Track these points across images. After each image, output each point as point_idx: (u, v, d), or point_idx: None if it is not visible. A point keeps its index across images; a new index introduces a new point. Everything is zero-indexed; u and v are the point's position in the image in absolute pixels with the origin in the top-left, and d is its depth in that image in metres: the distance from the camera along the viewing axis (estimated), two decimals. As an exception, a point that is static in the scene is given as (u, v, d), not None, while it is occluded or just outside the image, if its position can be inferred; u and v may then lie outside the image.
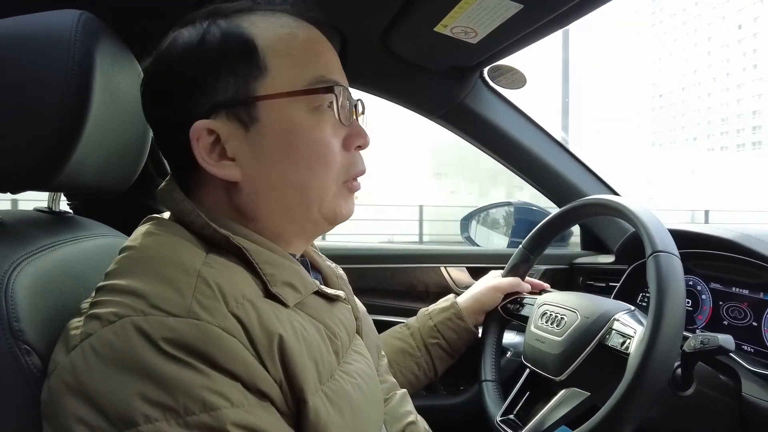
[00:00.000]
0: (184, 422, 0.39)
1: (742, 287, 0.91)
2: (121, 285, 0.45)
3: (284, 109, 0.52)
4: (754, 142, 50.43)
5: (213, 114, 0.51)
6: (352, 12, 0.87)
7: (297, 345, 0.47)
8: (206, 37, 0.51)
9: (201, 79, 0.51)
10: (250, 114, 0.51)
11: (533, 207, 1.69)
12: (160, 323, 0.41)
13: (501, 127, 1.20)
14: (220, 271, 0.47)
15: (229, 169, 0.52)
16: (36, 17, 0.54)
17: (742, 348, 0.87)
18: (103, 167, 0.63)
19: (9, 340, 0.45)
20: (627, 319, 0.76)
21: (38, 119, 0.52)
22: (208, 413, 0.39)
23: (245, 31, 0.52)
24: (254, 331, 0.44)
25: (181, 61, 0.52)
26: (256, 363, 0.43)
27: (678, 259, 0.70)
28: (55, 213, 0.70)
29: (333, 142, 0.55)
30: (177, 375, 0.39)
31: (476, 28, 0.82)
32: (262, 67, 0.51)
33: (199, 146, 0.51)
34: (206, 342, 0.41)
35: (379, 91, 1.16)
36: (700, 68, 54.21)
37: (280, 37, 0.53)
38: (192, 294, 0.43)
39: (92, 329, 0.42)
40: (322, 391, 0.48)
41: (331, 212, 0.57)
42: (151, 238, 0.50)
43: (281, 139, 0.52)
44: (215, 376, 0.41)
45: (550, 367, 0.81)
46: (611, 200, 0.84)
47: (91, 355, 0.41)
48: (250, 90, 0.51)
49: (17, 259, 0.50)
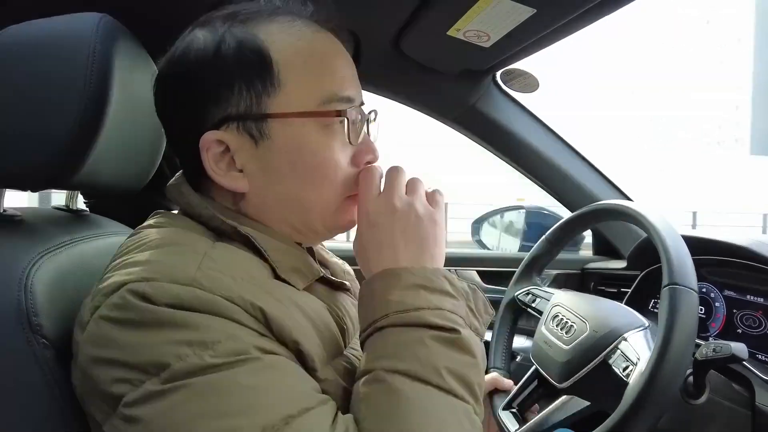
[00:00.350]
0: (213, 351, 0.40)
1: (756, 295, 0.90)
2: (127, 260, 0.46)
3: (295, 127, 0.52)
4: (735, 139, 49.30)
5: (224, 125, 0.51)
6: (366, 15, 0.88)
7: (300, 321, 0.47)
8: (221, 47, 0.50)
9: (215, 91, 0.51)
10: (261, 129, 0.51)
11: (545, 211, 1.69)
12: (162, 288, 0.42)
13: (513, 131, 1.20)
14: (227, 254, 0.48)
15: (237, 181, 0.52)
16: (57, 20, 0.56)
17: (757, 357, 0.86)
18: (119, 167, 0.64)
19: (28, 334, 0.46)
20: (635, 340, 0.74)
21: (58, 120, 0.53)
22: (232, 340, 0.41)
23: (262, 44, 0.51)
24: (258, 302, 0.44)
25: (196, 69, 0.51)
26: (261, 327, 0.44)
27: (694, 294, 0.68)
28: (72, 211, 0.71)
29: (341, 160, 0.54)
30: (191, 318, 0.41)
31: (489, 31, 0.82)
32: (276, 83, 0.51)
33: (208, 156, 0.51)
34: (208, 308, 0.42)
35: (392, 93, 1.17)
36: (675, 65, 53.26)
37: (296, 50, 0.52)
38: (197, 266, 0.44)
39: (99, 302, 0.43)
40: (332, 366, 0.49)
41: (333, 224, 0.57)
42: (160, 228, 0.51)
43: (290, 157, 0.52)
44: (225, 320, 0.42)
45: (555, 372, 0.80)
46: (637, 211, 0.81)
47: (104, 323, 0.42)
48: (262, 106, 0.51)
49: (36, 255, 0.52)
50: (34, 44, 0.53)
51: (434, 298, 0.48)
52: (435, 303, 0.48)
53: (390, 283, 0.49)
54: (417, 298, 0.48)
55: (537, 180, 1.31)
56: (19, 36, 0.54)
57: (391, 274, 0.50)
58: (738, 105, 50.98)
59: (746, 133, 49.66)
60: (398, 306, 0.47)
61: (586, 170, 1.29)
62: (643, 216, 0.79)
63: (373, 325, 0.48)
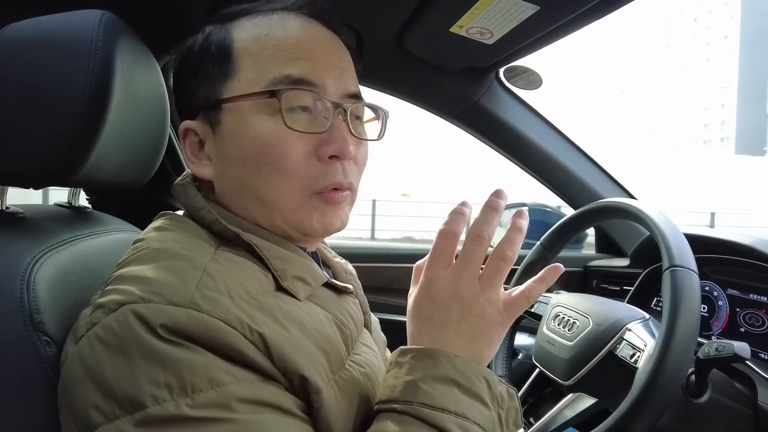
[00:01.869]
0: (191, 400, 0.39)
1: (760, 294, 0.89)
2: (127, 274, 0.45)
3: (243, 113, 0.51)
4: (722, 138, 48.82)
5: (196, 115, 0.55)
6: (369, 11, 0.87)
7: (302, 342, 0.47)
8: (195, 43, 0.55)
9: (186, 83, 0.55)
10: (216, 116, 0.53)
11: (548, 208, 1.68)
12: (159, 310, 0.41)
13: (516, 128, 1.20)
14: (227, 267, 0.47)
15: (201, 168, 0.55)
16: (59, 17, 0.56)
17: (759, 356, 0.85)
18: (121, 164, 0.64)
19: (30, 331, 0.46)
20: (639, 330, 0.74)
21: (60, 117, 0.53)
22: (214, 389, 0.40)
23: (226, 35, 0.53)
24: (257, 324, 0.44)
25: (179, 66, 0.57)
26: (257, 354, 0.43)
27: (695, 275, 0.68)
28: (74, 208, 0.72)
29: (292, 150, 0.51)
30: (180, 356, 0.40)
31: (492, 29, 0.82)
32: (231, 70, 0.52)
33: (185, 145, 0.55)
34: (204, 332, 0.41)
35: (395, 90, 1.16)
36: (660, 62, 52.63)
37: (255, 37, 0.52)
38: (196, 285, 0.43)
39: (97, 318, 0.43)
40: (334, 380, 0.48)
41: (299, 224, 0.53)
42: (162, 233, 0.51)
43: (236, 143, 0.52)
44: (216, 357, 0.41)
45: (559, 370, 0.80)
46: (632, 205, 0.82)
47: (97, 343, 0.42)
48: (216, 92, 0.52)
49: (39, 252, 0.52)
50: (35, 41, 0.53)
51: (465, 402, 0.45)
52: (463, 410, 0.45)
53: (427, 366, 0.46)
54: (447, 397, 0.45)
55: (540, 177, 1.30)
56: (20, 33, 0.54)
57: (432, 356, 0.47)
58: (724, 103, 50.54)
59: (732, 132, 49.25)
60: (425, 398, 0.45)
61: (590, 168, 1.29)
62: (638, 209, 0.80)
63: (393, 404, 0.46)
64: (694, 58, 51.67)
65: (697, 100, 51.78)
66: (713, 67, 49.73)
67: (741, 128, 48.02)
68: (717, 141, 49.94)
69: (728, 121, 49.40)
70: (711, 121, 50.78)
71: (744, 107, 47.71)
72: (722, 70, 49.01)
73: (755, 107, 46.18)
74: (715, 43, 50.10)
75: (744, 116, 47.85)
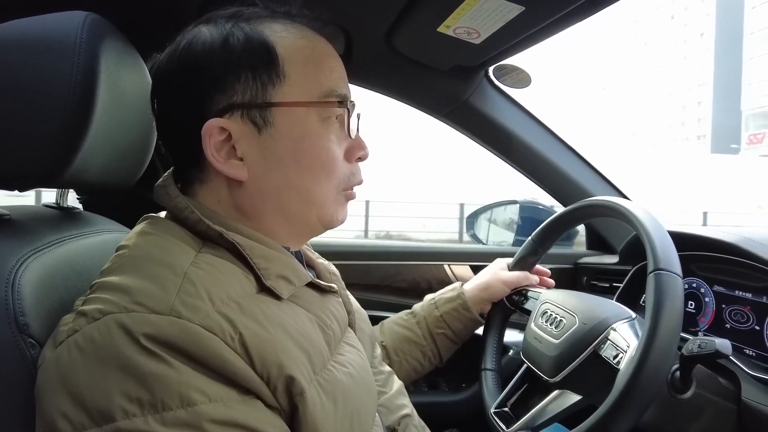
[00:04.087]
0: (161, 418, 0.39)
1: (745, 291, 0.90)
2: (110, 283, 0.46)
3: (298, 116, 0.54)
4: (699, 136, 48.74)
5: (227, 113, 0.53)
6: (357, 12, 0.87)
7: (284, 343, 0.47)
8: (230, 39, 0.53)
9: (221, 78, 0.52)
10: (265, 118, 0.53)
11: (539, 205, 1.69)
12: (141, 319, 0.42)
13: (506, 126, 1.20)
14: (207, 271, 0.48)
15: (237, 169, 0.54)
16: (42, 19, 0.56)
17: (744, 352, 0.86)
18: (109, 164, 0.64)
19: (15, 333, 0.47)
20: (624, 330, 0.75)
21: (44, 119, 0.53)
22: (184, 408, 0.40)
23: (268, 38, 0.54)
24: (238, 329, 0.44)
25: (204, 58, 0.52)
26: (238, 360, 0.43)
27: (679, 279, 0.69)
28: (62, 209, 0.72)
29: (338, 152, 0.57)
30: (156, 371, 0.40)
31: (479, 29, 0.82)
32: (281, 74, 0.53)
33: (210, 143, 0.52)
34: (186, 339, 0.42)
35: (384, 89, 1.17)
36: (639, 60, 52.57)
37: (299, 47, 0.55)
38: (176, 293, 0.44)
39: (78, 326, 0.43)
40: (317, 381, 0.49)
41: (328, 218, 0.59)
42: (144, 238, 0.51)
43: (292, 145, 0.54)
44: (193, 372, 0.41)
45: (545, 367, 0.81)
46: (620, 205, 0.83)
47: (75, 351, 0.42)
48: (267, 95, 0.53)
49: (24, 254, 0.52)
50: (19, 43, 0.53)
51: None
52: None
53: None
54: None
55: (529, 175, 1.31)
56: (3, 35, 0.54)
57: None
58: (701, 101, 50.49)
59: (708, 130, 49.23)
60: None
61: (580, 165, 1.29)
62: (625, 208, 0.80)
63: None
64: (671, 56, 51.63)
65: (675, 98, 51.77)
66: (690, 65, 49.63)
67: (716, 126, 47.96)
68: (694, 139, 49.91)
69: (704, 119, 49.38)
70: (688, 118, 50.77)
71: (719, 105, 47.65)
72: (698, 67, 48.90)
73: (729, 105, 46.06)
74: (691, 40, 49.96)
75: (719, 114, 47.80)
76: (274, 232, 0.57)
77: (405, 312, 1.02)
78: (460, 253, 1.41)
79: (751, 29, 36.07)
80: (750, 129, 44.01)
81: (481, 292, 1.00)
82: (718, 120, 47.72)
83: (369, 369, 0.63)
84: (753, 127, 43.85)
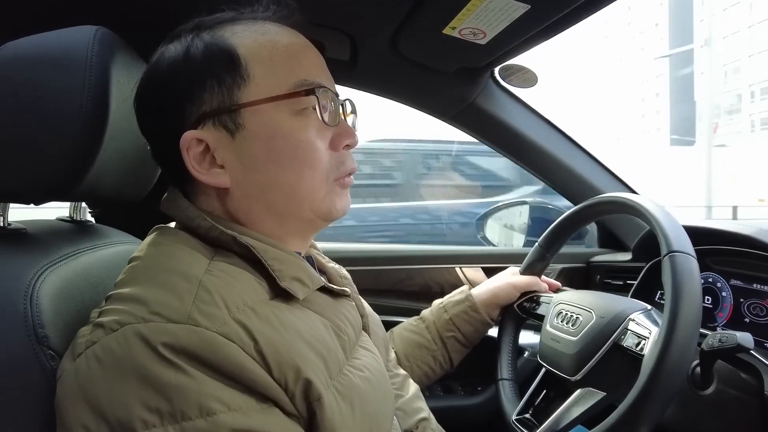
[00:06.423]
0: (181, 428, 0.39)
1: (763, 284, 0.89)
2: (125, 294, 0.46)
3: (268, 114, 0.53)
4: (658, 128, 47.81)
5: (201, 124, 0.53)
6: (362, 17, 0.88)
7: (300, 348, 0.47)
8: (190, 50, 0.53)
9: (188, 91, 0.53)
10: (235, 121, 0.53)
11: (549, 205, 1.69)
12: (159, 329, 0.42)
13: (514, 126, 1.20)
14: (221, 278, 0.48)
15: (219, 177, 0.54)
16: (53, 35, 0.56)
17: (765, 345, 0.85)
18: (121, 177, 0.65)
19: (35, 346, 0.47)
20: (642, 320, 0.75)
21: (58, 133, 0.54)
22: (204, 418, 0.40)
23: (227, 42, 0.54)
24: (254, 336, 0.44)
25: (168, 74, 0.53)
26: (256, 367, 0.43)
27: (694, 259, 0.68)
28: (76, 222, 0.72)
29: (318, 143, 0.56)
30: (174, 380, 0.40)
31: (484, 29, 0.82)
32: (245, 75, 0.53)
33: (189, 156, 0.53)
34: (204, 347, 0.42)
35: (390, 93, 1.17)
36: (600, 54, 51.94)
37: (261, 44, 0.54)
38: (192, 301, 0.44)
39: (96, 337, 0.43)
40: (333, 386, 0.49)
41: (325, 210, 0.58)
42: (156, 248, 0.52)
43: (266, 144, 0.54)
44: (211, 381, 0.41)
45: (566, 366, 0.80)
46: (626, 198, 0.83)
47: (94, 363, 0.42)
48: (234, 98, 0.53)
49: (41, 267, 0.52)
50: (31, 59, 0.54)
51: None
52: None
53: None
54: None
55: (539, 174, 1.30)
56: (16, 52, 0.55)
57: None
58: (658, 92, 49.74)
59: (666, 123, 48.50)
60: None
61: (589, 163, 1.29)
62: (633, 201, 0.80)
63: None
64: (630, 48, 51.00)
65: (635, 91, 51.12)
66: (647, 56, 48.96)
67: (673, 118, 47.22)
68: (654, 131, 49.21)
69: (662, 111, 48.65)
70: (647, 111, 50.08)
71: (674, 96, 46.90)
72: (654, 58, 48.26)
73: (684, 97, 45.29)
74: (647, 31, 49.22)
75: (675, 105, 47.07)
76: (273, 235, 0.56)
77: (414, 318, 1.01)
78: (472, 255, 1.40)
79: (701, 16, 35.51)
80: (704, 119, 43.28)
81: (490, 295, 1.00)
82: (674, 111, 47.11)
83: (385, 372, 0.63)
84: (707, 118, 43.42)
